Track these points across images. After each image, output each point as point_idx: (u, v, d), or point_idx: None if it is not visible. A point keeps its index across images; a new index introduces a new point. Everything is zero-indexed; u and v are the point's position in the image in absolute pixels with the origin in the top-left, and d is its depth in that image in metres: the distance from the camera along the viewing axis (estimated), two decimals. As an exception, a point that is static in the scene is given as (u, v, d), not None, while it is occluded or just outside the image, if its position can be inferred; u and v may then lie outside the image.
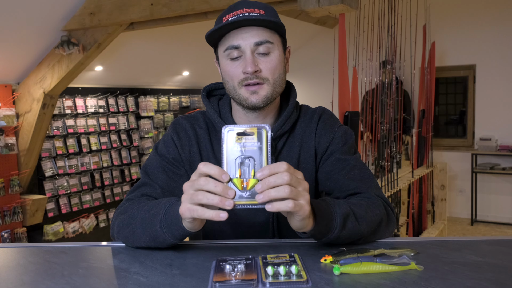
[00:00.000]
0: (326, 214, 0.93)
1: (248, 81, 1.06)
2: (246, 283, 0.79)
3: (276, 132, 1.13)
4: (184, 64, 5.61)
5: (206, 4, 3.05)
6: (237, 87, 1.08)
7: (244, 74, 1.06)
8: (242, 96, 1.08)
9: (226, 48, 1.06)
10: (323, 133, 1.18)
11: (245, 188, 0.81)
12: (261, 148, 0.82)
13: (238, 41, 1.05)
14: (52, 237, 4.42)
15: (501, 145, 5.39)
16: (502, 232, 5.23)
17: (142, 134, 5.45)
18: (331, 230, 0.95)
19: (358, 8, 2.84)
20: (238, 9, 1.05)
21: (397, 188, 3.60)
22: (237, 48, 1.05)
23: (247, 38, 1.04)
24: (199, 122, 1.18)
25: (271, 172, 0.80)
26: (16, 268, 0.92)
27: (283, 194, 0.79)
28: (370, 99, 3.89)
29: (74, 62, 3.75)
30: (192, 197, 0.83)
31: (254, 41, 1.05)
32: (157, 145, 1.19)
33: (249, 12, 1.04)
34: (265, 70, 1.06)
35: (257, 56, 1.06)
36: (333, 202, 0.98)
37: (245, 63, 1.05)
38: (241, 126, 0.83)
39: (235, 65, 1.07)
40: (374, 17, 3.91)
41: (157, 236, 0.95)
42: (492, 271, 0.86)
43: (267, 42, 1.06)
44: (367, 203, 1.06)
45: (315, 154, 1.17)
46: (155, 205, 0.99)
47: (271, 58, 1.07)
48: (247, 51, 1.05)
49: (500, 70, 5.45)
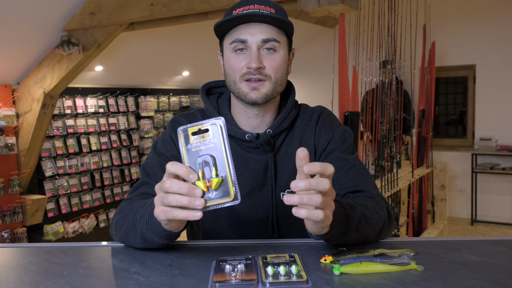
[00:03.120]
0: (342, 218, 0.92)
1: (250, 76, 1.06)
2: (246, 283, 0.79)
3: (274, 129, 1.13)
4: (184, 64, 5.61)
5: (206, 4, 3.05)
6: (238, 81, 1.08)
7: (248, 68, 1.06)
8: (243, 90, 1.08)
9: (233, 41, 1.07)
10: (322, 131, 1.18)
11: (210, 189, 0.79)
12: (219, 143, 0.80)
13: (245, 36, 1.05)
14: (52, 237, 4.42)
15: (501, 145, 5.39)
16: (502, 232, 5.23)
17: (142, 134, 5.45)
18: (345, 233, 0.94)
19: (358, 8, 2.84)
20: (250, 4, 1.06)
21: (397, 188, 3.60)
22: (243, 42, 1.06)
23: (255, 33, 1.05)
24: (197, 119, 1.18)
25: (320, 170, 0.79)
26: (16, 268, 0.92)
27: (315, 203, 0.78)
28: (370, 99, 3.89)
29: (74, 62, 3.75)
30: (162, 200, 0.81)
31: (262, 38, 1.05)
32: (156, 144, 1.19)
33: (260, 8, 1.05)
34: (269, 67, 1.07)
35: (262, 53, 1.06)
36: (348, 205, 0.96)
37: (250, 58, 1.05)
38: (195, 124, 0.80)
39: (239, 58, 1.07)
40: (374, 17, 3.90)
41: (146, 237, 0.94)
42: (492, 271, 0.86)
43: (274, 41, 1.06)
44: (373, 205, 1.05)
45: (315, 151, 1.18)
46: (142, 205, 0.99)
47: (276, 56, 1.07)
48: (253, 46, 1.06)
49: (500, 70, 5.45)
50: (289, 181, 1.14)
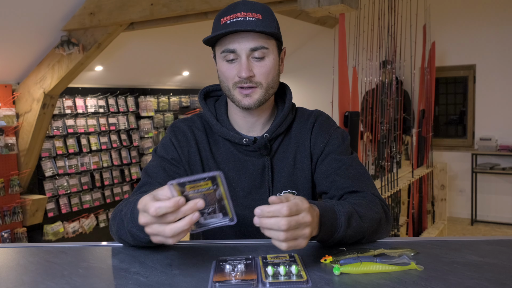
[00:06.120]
0: (330, 214, 0.94)
1: (242, 85, 1.09)
2: (246, 283, 0.80)
3: (271, 133, 1.17)
4: (184, 64, 5.61)
5: (206, 4, 3.05)
6: (231, 88, 1.12)
7: (239, 77, 1.09)
8: (236, 97, 1.12)
9: (223, 51, 1.09)
10: (319, 135, 1.20)
11: None
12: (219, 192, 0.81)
13: (234, 45, 1.07)
14: (52, 237, 4.42)
15: (501, 145, 5.39)
16: (502, 232, 5.23)
17: (142, 134, 5.45)
18: (337, 229, 0.95)
19: (358, 8, 2.84)
20: (236, 11, 1.07)
21: (397, 188, 3.60)
22: (233, 52, 1.08)
23: (243, 43, 1.07)
24: (196, 124, 1.22)
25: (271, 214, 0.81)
26: (16, 268, 0.92)
27: (279, 238, 0.81)
28: (370, 99, 3.89)
29: (74, 62, 3.75)
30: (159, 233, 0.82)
31: (250, 47, 1.07)
32: (156, 149, 1.22)
33: (246, 16, 1.06)
34: (259, 74, 1.09)
35: (252, 60, 1.09)
36: (336, 203, 0.99)
37: (240, 68, 1.08)
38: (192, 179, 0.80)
39: (231, 67, 1.10)
40: (374, 17, 3.90)
41: (133, 234, 0.95)
42: (492, 271, 0.86)
43: (263, 48, 1.08)
44: (366, 202, 1.07)
45: (311, 155, 1.20)
46: (128, 203, 1.00)
47: (266, 63, 1.10)
48: (242, 56, 1.08)
49: (500, 70, 5.45)
50: (285, 182, 1.18)
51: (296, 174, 1.19)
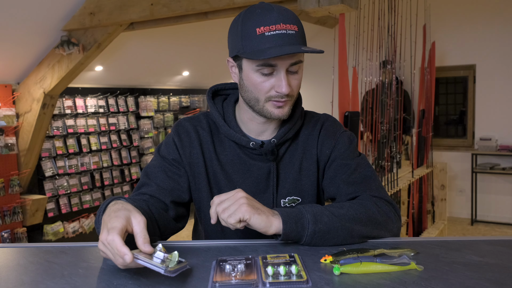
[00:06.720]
0: (293, 213, 0.98)
1: (279, 99, 1.07)
2: (246, 283, 0.80)
3: (279, 139, 1.15)
4: (184, 64, 5.60)
5: (206, 4, 3.05)
6: (261, 100, 1.08)
7: (276, 92, 1.06)
8: (267, 109, 1.09)
9: (261, 64, 1.04)
10: (325, 141, 1.19)
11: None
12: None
13: (276, 61, 1.03)
14: (52, 237, 4.42)
15: (501, 145, 5.39)
16: (502, 232, 5.23)
17: (142, 134, 5.45)
18: (305, 226, 0.97)
19: (358, 8, 2.84)
20: (274, 22, 1.02)
21: (397, 188, 3.60)
22: (272, 66, 1.04)
23: (286, 59, 1.04)
24: (201, 124, 1.20)
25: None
26: (16, 268, 0.92)
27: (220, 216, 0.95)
28: (370, 99, 3.89)
29: (74, 62, 3.75)
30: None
31: (291, 62, 1.05)
32: (160, 147, 1.21)
33: (286, 29, 1.02)
34: (294, 87, 1.09)
35: (287, 74, 1.06)
36: (304, 205, 1.03)
37: (280, 84, 1.05)
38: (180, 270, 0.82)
39: (266, 80, 1.06)
40: (374, 17, 3.90)
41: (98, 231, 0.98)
42: (492, 271, 0.86)
43: (300, 62, 1.07)
44: (350, 203, 1.07)
45: (317, 161, 1.19)
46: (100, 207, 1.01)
47: (299, 75, 1.09)
48: (281, 71, 1.05)
49: (500, 70, 5.45)
50: (290, 189, 1.17)
51: (302, 180, 1.18)
